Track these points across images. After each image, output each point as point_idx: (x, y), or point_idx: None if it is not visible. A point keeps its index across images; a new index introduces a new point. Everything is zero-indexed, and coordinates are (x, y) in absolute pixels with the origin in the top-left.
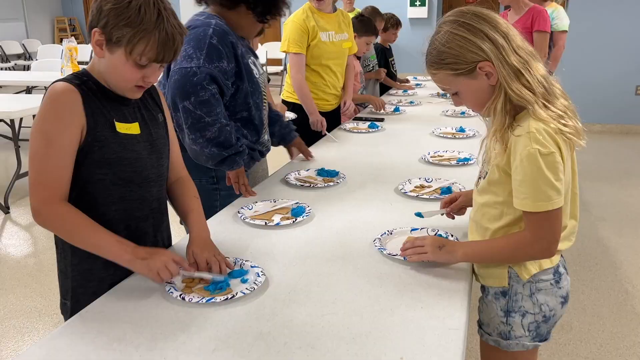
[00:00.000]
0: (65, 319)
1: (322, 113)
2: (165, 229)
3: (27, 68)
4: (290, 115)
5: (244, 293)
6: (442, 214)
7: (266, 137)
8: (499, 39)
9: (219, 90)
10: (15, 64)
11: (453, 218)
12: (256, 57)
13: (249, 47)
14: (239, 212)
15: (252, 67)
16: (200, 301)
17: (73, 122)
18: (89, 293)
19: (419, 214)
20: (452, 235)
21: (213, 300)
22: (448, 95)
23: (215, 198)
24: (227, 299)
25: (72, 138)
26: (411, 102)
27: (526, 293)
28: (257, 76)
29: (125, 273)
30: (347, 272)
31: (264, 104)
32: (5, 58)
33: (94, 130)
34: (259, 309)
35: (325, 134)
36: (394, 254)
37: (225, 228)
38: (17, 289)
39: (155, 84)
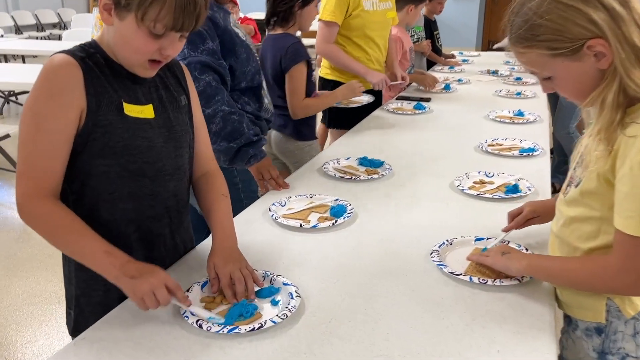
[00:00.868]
0: (70, 332)
1: (365, 92)
2: (185, 231)
3: (61, 38)
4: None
5: (274, 322)
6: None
7: (266, 100)
8: (617, 7)
9: (218, 75)
10: (50, 34)
11: None
12: (229, 13)
13: (223, 8)
14: (270, 210)
15: (237, 29)
16: (221, 331)
17: (70, 102)
18: (93, 303)
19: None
20: (526, 250)
21: (237, 330)
22: (500, 73)
23: (234, 174)
24: (253, 329)
25: (67, 122)
26: (459, 80)
27: (629, 332)
28: (244, 39)
29: None
30: (399, 294)
31: (258, 66)
32: (41, 27)
33: (96, 113)
34: (293, 345)
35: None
36: (457, 273)
37: (253, 229)
38: (38, 271)
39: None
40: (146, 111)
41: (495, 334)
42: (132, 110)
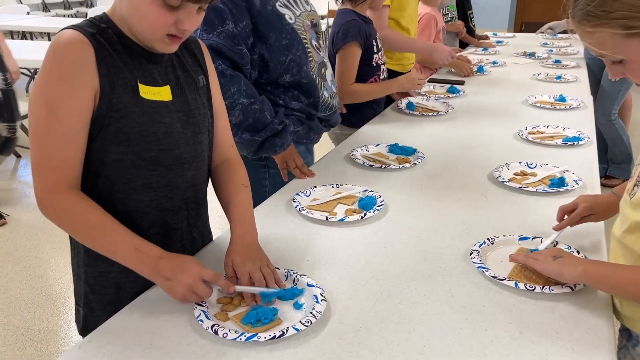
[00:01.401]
0: (79, 329)
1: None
2: (203, 224)
3: (87, 16)
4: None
5: (297, 330)
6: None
7: (326, 94)
8: None
9: (230, 63)
10: (77, 12)
11: None
12: None
13: None
14: (294, 200)
15: (284, 10)
16: (238, 338)
17: (82, 84)
18: (104, 302)
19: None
20: (577, 252)
21: (255, 338)
22: (537, 55)
23: (264, 177)
24: (273, 337)
25: (82, 106)
26: (494, 63)
27: None
28: (291, 21)
29: (150, 281)
30: (436, 300)
31: (309, 55)
32: (68, 5)
33: (110, 95)
34: (317, 356)
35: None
36: (500, 277)
37: (275, 222)
38: (57, 252)
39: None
40: (163, 93)
41: (547, 351)
42: (148, 92)
